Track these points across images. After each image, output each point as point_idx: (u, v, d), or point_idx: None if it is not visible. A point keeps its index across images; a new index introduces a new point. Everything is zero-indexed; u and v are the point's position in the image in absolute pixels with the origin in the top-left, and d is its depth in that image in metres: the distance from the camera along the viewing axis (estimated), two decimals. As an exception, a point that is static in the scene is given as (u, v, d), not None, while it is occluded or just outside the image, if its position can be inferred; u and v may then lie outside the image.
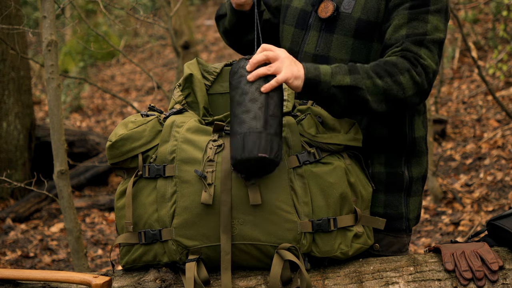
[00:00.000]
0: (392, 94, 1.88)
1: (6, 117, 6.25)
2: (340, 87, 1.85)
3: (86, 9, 12.19)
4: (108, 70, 11.82)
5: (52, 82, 3.11)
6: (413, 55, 1.90)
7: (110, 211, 6.14)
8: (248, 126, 1.77)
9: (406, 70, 1.88)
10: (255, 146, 1.75)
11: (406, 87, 1.88)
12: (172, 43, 5.12)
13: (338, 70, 1.86)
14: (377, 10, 1.98)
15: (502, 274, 1.86)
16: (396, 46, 1.93)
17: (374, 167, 2.03)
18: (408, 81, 1.88)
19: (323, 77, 1.84)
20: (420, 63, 1.90)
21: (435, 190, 5.32)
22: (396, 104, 1.90)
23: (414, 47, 1.91)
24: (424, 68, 1.90)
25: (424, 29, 1.92)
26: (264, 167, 1.80)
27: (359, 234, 1.91)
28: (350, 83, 1.85)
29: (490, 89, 5.60)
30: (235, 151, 1.77)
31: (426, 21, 1.93)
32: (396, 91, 1.88)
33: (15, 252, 5.26)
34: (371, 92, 1.86)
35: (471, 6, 6.65)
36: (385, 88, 1.87)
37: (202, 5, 14.50)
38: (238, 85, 1.81)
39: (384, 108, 1.90)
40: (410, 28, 1.93)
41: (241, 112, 1.78)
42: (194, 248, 1.87)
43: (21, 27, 3.71)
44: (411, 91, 1.89)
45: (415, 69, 1.89)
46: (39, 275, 1.89)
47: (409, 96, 1.89)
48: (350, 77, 1.86)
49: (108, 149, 1.95)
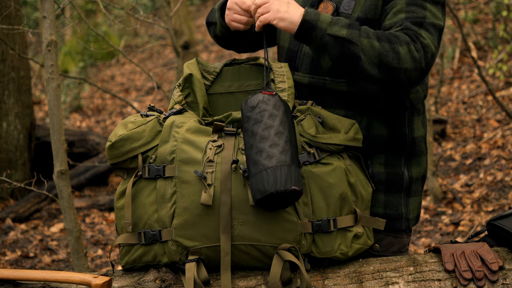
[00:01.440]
0: (386, 60, 1.83)
1: (6, 117, 6.25)
2: (334, 37, 1.83)
3: (86, 9, 12.19)
4: (108, 70, 11.82)
5: (52, 82, 3.11)
6: (414, 32, 1.88)
7: (110, 211, 6.14)
8: (277, 159, 1.77)
9: (406, 42, 1.85)
10: (288, 179, 1.76)
11: (402, 58, 1.84)
12: (172, 43, 5.12)
13: (338, 21, 1.85)
14: (375, 7, 1.98)
15: (502, 274, 1.86)
16: (396, 27, 1.91)
17: (374, 167, 2.03)
18: (406, 53, 1.84)
19: (320, 23, 1.83)
20: (420, 41, 1.87)
21: (435, 190, 5.32)
22: (389, 72, 1.85)
23: (414, 26, 1.89)
24: (423, 46, 1.87)
25: (423, 14, 1.91)
26: (292, 199, 1.80)
27: (359, 234, 1.91)
28: (346, 35, 1.83)
29: (490, 89, 5.60)
30: (266, 185, 1.76)
31: (424, 7, 1.92)
32: (392, 58, 1.83)
33: (15, 252, 5.26)
34: (366, 51, 1.83)
35: (471, 6, 6.65)
36: (380, 52, 1.83)
37: (202, 5, 14.50)
38: (260, 120, 1.82)
39: (376, 72, 1.85)
40: (408, 12, 1.91)
41: (268, 146, 1.79)
42: (194, 248, 1.87)
43: (21, 27, 3.71)
44: (407, 64, 1.84)
45: (414, 45, 1.86)
46: (39, 275, 1.89)
47: (404, 68, 1.84)
48: (347, 30, 1.84)
49: (108, 150, 1.95)
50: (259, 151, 1.80)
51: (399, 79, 1.86)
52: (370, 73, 1.85)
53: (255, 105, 1.84)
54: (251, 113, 1.84)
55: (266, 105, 1.83)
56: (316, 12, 1.85)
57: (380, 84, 1.89)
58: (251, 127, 1.83)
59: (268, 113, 1.82)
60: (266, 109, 1.82)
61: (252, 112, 1.84)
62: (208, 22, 2.23)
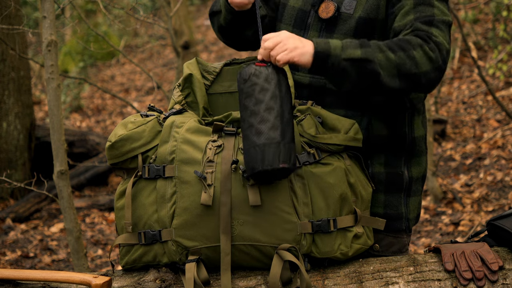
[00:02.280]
0: (405, 69, 1.83)
1: (6, 117, 6.25)
2: (351, 60, 1.81)
3: (86, 9, 12.19)
4: (108, 70, 11.82)
5: (52, 82, 3.11)
6: (425, 33, 1.87)
7: (110, 211, 6.14)
8: (266, 136, 1.76)
9: (419, 45, 1.84)
10: (275, 157, 1.75)
11: (419, 62, 1.83)
12: (172, 43, 5.12)
13: (349, 44, 1.83)
14: (376, 7, 1.98)
15: (502, 274, 1.86)
16: (406, 29, 1.90)
17: (374, 167, 2.03)
18: (421, 56, 1.84)
19: (333, 51, 1.81)
20: (433, 40, 1.86)
21: (435, 190, 5.32)
22: (410, 80, 1.84)
23: (424, 26, 1.88)
24: (437, 44, 1.86)
25: (432, 12, 1.91)
26: (282, 176, 1.81)
27: (359, 234, 1.91)
28: (361, 55, 1.81)
29: (490, 89, 5.60)
30: (254, 162, 1.76)
31: (432, 5, 1.92)
32: (409, 66, 1.83)
33: (15, 252, 5.26)
34: (383, 65, 1.82)
35: (471, 6, 6.65)
36: (398, 62, 1.82)
37: (202, 5, 14.50)
38: (251, 94, 1.79)
39: (398, 84, 1.84)
40: (417, 12, 1.91)
41: (257, 122, 1.77)
42: (194, 248, 1.87)
43: (21, 27, 3.71)
44: (426, 67, 1.84)
45: (428, 45, 1.85)
46: (39, 275, 1.89)
47: (424, 72, 1.84)
48: (361, 50, 1.82)
49: (108, 150, 1.95)
50: (250, 126, 1.79)
51: (421, 83, 1.86)
52: (391, 85, 1.84)
53: (246, 78, 1.82)
54: (243, 86, 1.82)
55: (257, 79, 1.80)
56: (325, 41, 1.83)
57: (403, 91, 1.89)
58: (243, 100, 1.81)
59: (259, 87, 1.80)
60: (257, 82, 1.80)
61: (244, 85, 1.82)
62: (212, 12, 2.20)
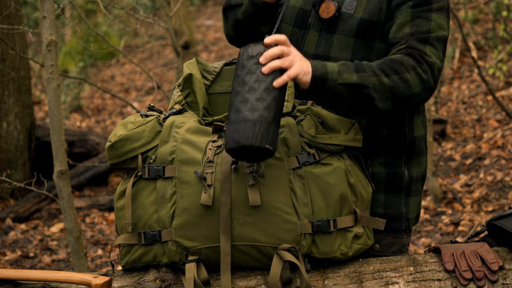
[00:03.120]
0: (398, 92, 1.87)
1: (6, 117, 6.25)
2: (347, 85, 1.84)
3: (86, 9, 12.19)
4: (108, 70, 11.82)
5: (52, 82, 3.11)
6: (418, 52, 1.90)
7: (110, 211, 6.14)
8: (259, 114, 1.75)
9: (412, 67, 1.88)
10: (264, 136, 1.74)
11: (412, 84, 1.88)
12: (172, 43, 5.12)
13: (345, 68, 1.86)
14: (379, 10, 1.98)
15: (502, 274, 1.86)
16: (400, 44, 1.93)
17: (374, 167, 2.03)
18: (414, 78, 1.88)
19: (330, 75, 1.83)
20: (425, 60, 1.89)
21: (435, 190, 5.32)
22: (402, 101, 1.90)
23: (419, 44, 1.91)
24: (429, 65, 1.90)
25: (428, 27, 1.92)
26: (262, 157, 1.79)
27: (359, 234, 1.91)
28: (357, 81, 1.84)
29: (490, 89, 5.61)
30: (242, 136, 1.73)
31: (429, 19, 1.93)
32: (403, 89, 1.87)
33: (15, 252, 5.26)
34: (378, 89, 1.86)
35: (471, 6, 6.65)
36: (391, 86, 1.86)
37: (202, 5, 14.50)
38: (254, 71, 1.78)
39: (390, 106, 1.89)
40: (413, 26, 1.92)
41: (254, 98, 1.76)
42: (194, 249, 1.87)
43: (21, 27, 3.71)
44: (417, 88, 1.89)
45: (420, 66, 1.89)
46: (39, 275, 1.89)
47: (415, 93, 1.89)
48: (357, 75, 1.85)
49: (108, 150, 1.95)
50: (244, 100, 1.77)
51: (413, 103, 1.92)
52: (384, 107, 1.89)
53: (254, 55, 1.80)
54: (247, 62, 1.80)
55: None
56: (323, 64, 1.85)
57: (396, 111, 1.94)
58: (243, 75, 1.80)
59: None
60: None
61: (248, 61, 1.80)
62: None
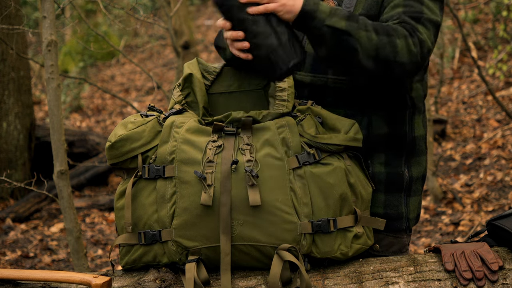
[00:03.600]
0: (383, 53, 1.83)
1: (6, 117, 6.25)
2: (332, 28, 1.82)
3: (86, 9, 12.19)
4: (108, 70, 11.82)
5: (52, 82, 3.11)
6: (411, 26, 1.87)
7: (110, 211, 6.14)
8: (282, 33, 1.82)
9: (404, 36, 1.84)
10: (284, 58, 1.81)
11: (399, 51, 1.83)
12: (172, 43, 5.12)
13: (337, 12, 1.84)
14: (376, 3, 1.98)
15: (502, 274, 1.86)
16: (392, 19, 1.90)
17: (374, 167, 2.03)
18: (403, 46, 1.84)
19: (319, 14, 1.82)
20: (417, 35, 1.86)
21: (435, 190, 5.32)
22: (385, 65, 1.84)
23: (411, 21, 1.88)
24: (420, 41, 1.86)
25: (420, 9, 1.91)
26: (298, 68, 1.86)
27: (359, 234, 1.91)
28: (345, 27, 1.82)
29: (490, 89, 5.61)
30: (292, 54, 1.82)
31: (422, 2, 1.92)
32: (389, 52, 1.83)
33: (15, 252, 5.26)
34: (363, 44, 1.82)
35: (471, 6, 6.65)
36: (378, 45, 1.82)
37: (202, 5, 14.50)
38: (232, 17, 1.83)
39: (371, 65, 1.84)
40: (406, 6, 1.91)
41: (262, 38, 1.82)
42: (194, 248, 1.87)
43: (21, 27, 3.71)
44: (403, 58, 1.84)
45: (412, 39, 1.85)
46: (39, 275, 1.89)
47: (401, 61, 1.84)
48: (346, 23, 1.83)
49: (108, 150, 1.95)
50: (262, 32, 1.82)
51: (393, 72, 1.86)
52: (364, 64, 1.84)
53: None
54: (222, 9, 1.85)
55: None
56: (316, 1, 1.84)
57: (372, 75, 1.89)
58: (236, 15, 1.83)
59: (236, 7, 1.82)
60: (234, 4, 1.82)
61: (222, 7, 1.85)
62: (217, 45, 2.17)
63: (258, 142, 1.90)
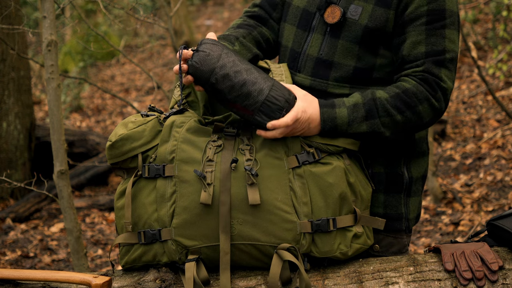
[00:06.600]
0: (410, 125, 1.93)
1: (6, 117, 6.25)
2: (356, 134, 1.91)
3: (86, 9, 12.19)
4: (108, 70, 11.82)
5: (52, 82, 3.11)
6: (434, 78, 1.92)
7: (110, 211, 6.14)
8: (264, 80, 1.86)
9: (426, 99, 1.91)
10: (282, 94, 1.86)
11: (424, 116, 1.92)
12: (172, 43, 5.12)
13: (355, 116, 1.90)
14: (385, 19, 1.96)
15: (502, 274, 1.86)
16: (417, 65, 1.93)
17: (374, 167, 2.03)
18: (426, 109, 1.92)
19: (339, 127, 1.89)
20: (440, 86, 1.92)
21: (435, 190, 5.32)
22: (412, 131, 1.97)
23: (435, 68, 1.92)
24: (443, 91, 1.93)
25: (443, 46, 1.92)
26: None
27: (359, 234, 1.91)
28: (367, 130, 1.90)
29: (490, 89, 5.60)
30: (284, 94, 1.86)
31: (444, 36, 1.93)
32: (415, 121, 1.93)
33: (15, 252, 5.26)
34: (390, 129, 1.92)
35: (471, 6, 6.64)
36: (404, 122, 1.92)
37: (202, 5, 14.50)
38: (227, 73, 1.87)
39: (403, 136, 1.97)
40: (428, 44, 1.92)
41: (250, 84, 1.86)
42: (194, 248, 1.87)
43: (21, 27, 3.71)
44: (428, 117, 1.94)
45: (434, 96, 1.92)
46: (39, 275, 1.89)
47: (426, 122, 1.94)
48: (366, 124, 1.90)
49: (108, 149, 1.95)
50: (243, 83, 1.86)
51: (422, 129, 1.99)
52: (397, 138, 1.96)
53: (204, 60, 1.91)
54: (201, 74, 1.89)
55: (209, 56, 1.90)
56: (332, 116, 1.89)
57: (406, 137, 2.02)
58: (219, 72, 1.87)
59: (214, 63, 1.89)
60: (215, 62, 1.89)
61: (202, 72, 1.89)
62: None
63: (257, 142, 1.90)
